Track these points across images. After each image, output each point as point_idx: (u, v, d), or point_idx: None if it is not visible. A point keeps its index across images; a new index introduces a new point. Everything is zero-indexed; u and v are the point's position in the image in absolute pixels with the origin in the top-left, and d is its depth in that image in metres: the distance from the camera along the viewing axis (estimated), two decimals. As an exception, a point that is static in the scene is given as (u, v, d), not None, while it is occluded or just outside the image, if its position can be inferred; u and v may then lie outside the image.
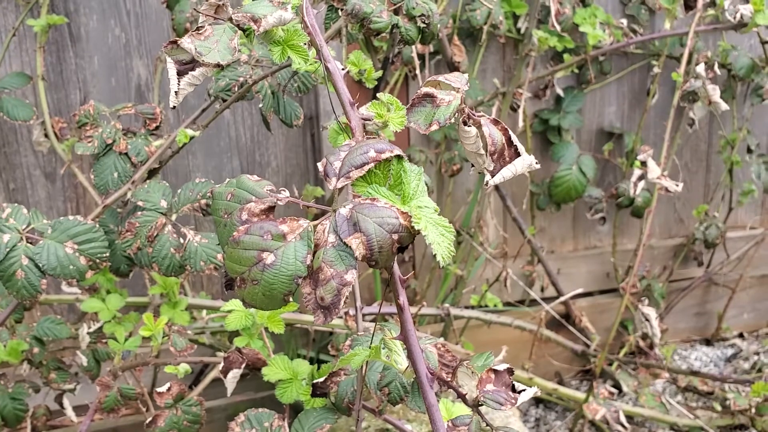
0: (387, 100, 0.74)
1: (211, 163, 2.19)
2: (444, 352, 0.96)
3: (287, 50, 0.76)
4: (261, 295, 0.66)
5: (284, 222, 0.66)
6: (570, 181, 2.39)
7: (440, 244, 0.64)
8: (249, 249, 0.66)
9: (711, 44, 2.47)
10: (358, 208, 0.65)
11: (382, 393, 0.94)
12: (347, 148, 0.67)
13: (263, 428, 1.01)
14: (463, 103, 0.74)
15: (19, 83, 1.90)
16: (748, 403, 2.16)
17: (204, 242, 1.23)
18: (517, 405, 0.75)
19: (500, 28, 2.11)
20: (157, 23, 2.06)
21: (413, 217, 0.64)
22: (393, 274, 0.72)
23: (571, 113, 2.41)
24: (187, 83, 0.72)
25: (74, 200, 2.13)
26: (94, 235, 1.20)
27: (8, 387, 1.55)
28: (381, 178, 0.67)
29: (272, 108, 1.34)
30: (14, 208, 1.22)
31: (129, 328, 1.50)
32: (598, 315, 2.62)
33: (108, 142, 1.33)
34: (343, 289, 0.63)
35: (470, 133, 0.75)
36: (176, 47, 0.71)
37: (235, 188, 0.69)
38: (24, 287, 1.17)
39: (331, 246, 0.65)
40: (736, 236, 2.73)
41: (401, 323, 0.73)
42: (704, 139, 2.64)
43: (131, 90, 2.09)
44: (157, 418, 1.27)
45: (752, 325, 2.87)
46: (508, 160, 0.76)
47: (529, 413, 2.48)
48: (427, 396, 0.71)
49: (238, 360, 1.16)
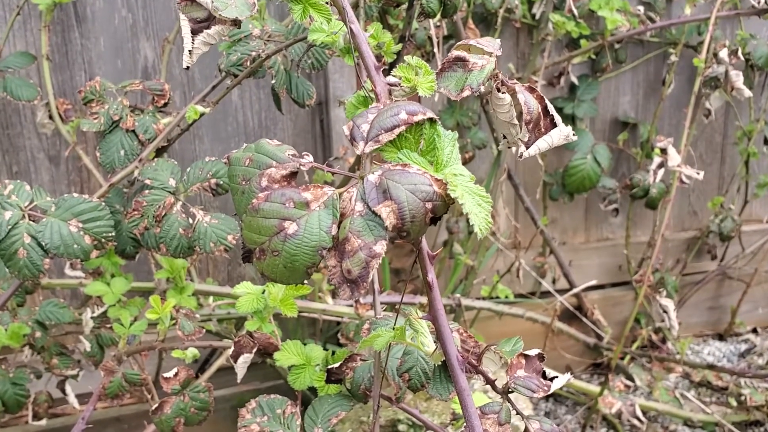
0: (416, 63, 0.69)
1: (218, 148, 2.15)
2: (467, 337, 0.91)
3: (308, 9, 0.71)
4: (282, 267, 0.61)
5: (307, 189, 0.61)
6: (584, 171, 2.34)
7: (477, 215, 0.59)
8: (269, 218, 0.61)
9: (729, 33, 2.42)
10: (389, 174, 0.60)
11: (402, 379, 0.89)
12: (376, 110, 0.62)
13: (275, 415, 0.97)
14: (496, 68, 0.70)
15: (23, 63, 1.85)
16: (764, 399, 2.12)
17: (214, 222, 1.18)
18: (550, 392, 0.70)
19: (516, 12, 2.06)
20: (165, 4, 2.01)
21: (449, 185, 0.59)
22: (421, 250, 0.67)
23: (586, 102, 2.37)
24: (202, 42, 0.67)
25: (78, 184, 2.09)
26: (99, 214, 1.15)
27: (9, 372, 1.50)
28: (412, 143, 0.62)
29: (284, 85, 1.29)
30: (16, 184, 1.17)
31: (134, 313, 1.45)
32: (611, 308, 2.57)
33: (114, 119, 1.28)
34: (372, 261, 0.58)
35: (504, 101, 0.70)
36: (191, 4, 0.66)
37: (254, 153, 0.64)
38: (26, 266, 1.12)
39: (358, 215, 0.60)
40: (751, 230, 2.68)
41: (429, 302, 0.68)
42: (719, 131, 2.60)
43: (137, 72, 2.05)
44: (164, 404, 1.22)
45: (766, 320, 2.83)
46: (544, 130, 0.71)
47: (539, 407, 2.44)
48: (458, 380, 0.66)
49: (249, 344, 1.11)
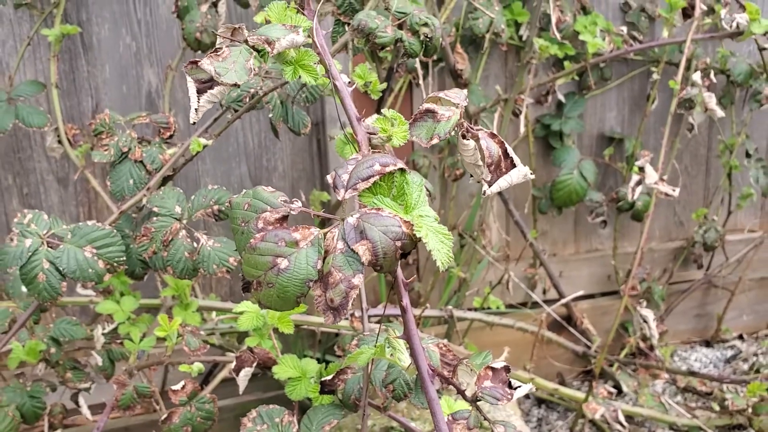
0: (391, 116, 0.80)
1: (220, 168, 2.25)
2: (446, 351, 1.01)
3: (299, 69, 0.82)
4: (276, 297, 0.72)
5: (297, 230, 0.72)
6: (571, 186, 2.44)
7: (440, 251, 0.70)
8: (265, 255, 0.72)
9: (710, 50, 2.51)
10: (365, 217, 0.71)
11: (387, 390, 1.00)
12: (354, 161, 0.73)
13: (274, 424, 1.07)
14: (461, 118, 0.80)
15: (33, 91, 1.95)
16: (745, 403, 2.21)
17: (217, 246, 1.29)
18: (513, 400, 0.80)
19: (502, 36, 2.16)
20: (167, 32, 2.12)
21: (415, 226, 0.70)
22: (396, 278, 0.78)
23: (573, 118, 2.46)
24: (206, 101, 0.77)
25: (86, 204, 2.19)
26: (111, 240, 1.26)
27: (26, 386, 1.60)
28: (385, 189, 0.72)
29: (281, 117, 1.39)
30: (35, 214, 1.28)
31: (143, 329, 1.56)
32: (600, 317, 2.66)
33: (123, 151, 1.38)
34: (350, 292, 0.69)
35: (469, 146, 0.80)
36: (196, 67, 0.76)
37: (251, 199, 0.75)
38: (45, 289, 1.23)
39: (339, 252, 0.70)
40: (736, 239, 2.77)
41: (404, 323, 0.79)
42: (704, 144, 2.69)
43: (142, 97, 2.15)
44: (172, 414, 1.32)
45: (752, 326, 2.92)
46: (504, 170, 0.81)
47: (532, 413, 2.53)
48: (428, 391, 0.76)
49: (249, 359, 1.21)
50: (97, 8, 2.05)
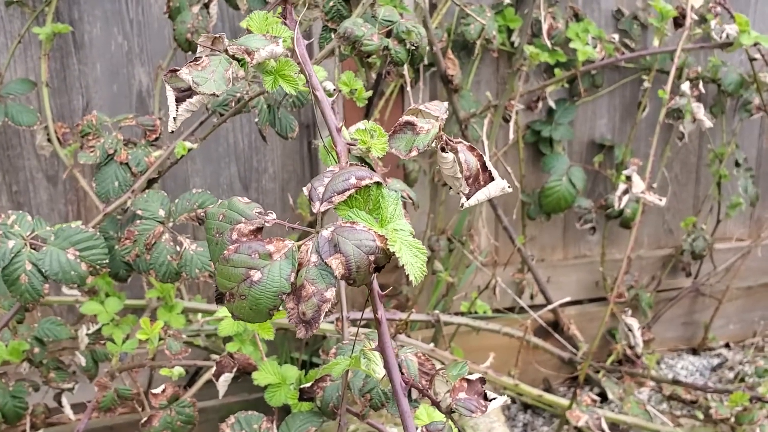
0: (370, 128, 0.80)
1: (209, 169, 2.25)
2: (424, 360, 1.02)
3: (279, 79, 0.82)
4: (248, 309, 0.71)
5: (271, 242, 0.72)
6: (559, 192, 2.44)
7: (413, 265, 0.70)
8: (238, 266, 0.72)
9: (702, 59, 2.52)
10: (339, 230, 0.71)
11: (365, 399, 1.00)
12: (330, 174, 0.73)
13: (252, 430, 1.07)
14: (441, 131, 0.80)
15: (23, 89, 1.94)
16: (729, 412, 2.22)
17: (200, 250, 1.29)
18: (497, 406, 0.80)
19: (493, 42, 2.16)
20: (158, 32, 2.12)
21: (389, 240, 0.70)
22: (372, 290, 0.78)
23: (563, 125, 2.47)
24: (185, 110, 0.77)
25: (75, 203, 2.18)
26: (95, 243, 1.26)
27: (9, 385, 1.60)
28: (361, 203, 0.72)
29: (268, 121, 1.39)
30: (19, 215, 1.28)
31: (126, 331, 1.55)
32: (587, 323, 2.67)
33: (109, 152, 1.38)
34: (323, 306, 0.69)
35: (447, 159, 0.80)
36: (175, 76, 0.76)
37: (226, 209, 0.75)
38: (27, 291, 1.23)
39: (313, 265, 0.70)
40: (724, 248, 2.78)
41: (379, 336, 0.79)
42: (694, 152, 2.70)
43: (132, 96, 2.15)
44: (152, 418, 1.32)
45: (738, 335, 2.93)
46: (483, 183, 0.81)
47: (517, 418, 2.53)
48: (400, 404, 0.76)
49: (229, 364, 1.21)
50: (89, 7, 2.05)
